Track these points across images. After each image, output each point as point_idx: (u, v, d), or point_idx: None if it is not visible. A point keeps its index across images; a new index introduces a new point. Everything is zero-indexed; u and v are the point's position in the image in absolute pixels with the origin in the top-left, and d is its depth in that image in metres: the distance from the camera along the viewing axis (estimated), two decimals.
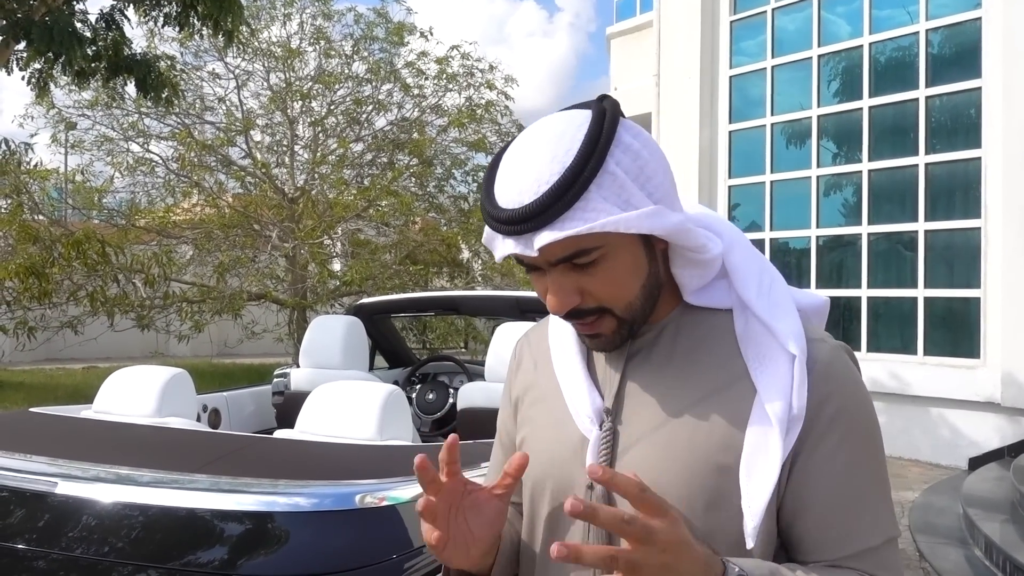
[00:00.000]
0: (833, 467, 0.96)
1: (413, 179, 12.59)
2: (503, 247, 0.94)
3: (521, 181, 0.91)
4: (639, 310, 0.99)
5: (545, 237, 0.90)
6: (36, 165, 10.67)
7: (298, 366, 4.19)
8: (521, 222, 0.90)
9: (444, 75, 12.49)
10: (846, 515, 0.96)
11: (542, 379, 1.13)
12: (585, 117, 0.93)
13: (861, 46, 8.94)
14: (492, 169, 0.97)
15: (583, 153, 0.89)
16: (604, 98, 0.96)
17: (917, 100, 8.43)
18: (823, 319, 1.10)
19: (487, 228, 0.98)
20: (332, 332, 4.11)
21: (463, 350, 13.18)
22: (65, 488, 1.98)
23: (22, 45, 6.86)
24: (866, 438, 0.98)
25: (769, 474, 0.93)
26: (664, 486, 0.94)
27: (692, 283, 1.03)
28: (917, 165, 8.41)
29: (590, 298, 0.96)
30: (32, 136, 16.62)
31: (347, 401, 2.65)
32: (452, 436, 0.96)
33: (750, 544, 0.93)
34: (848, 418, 0.97)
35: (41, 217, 10.59)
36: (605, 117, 0.92)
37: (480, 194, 0.99)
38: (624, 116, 0.96)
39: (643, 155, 0.93)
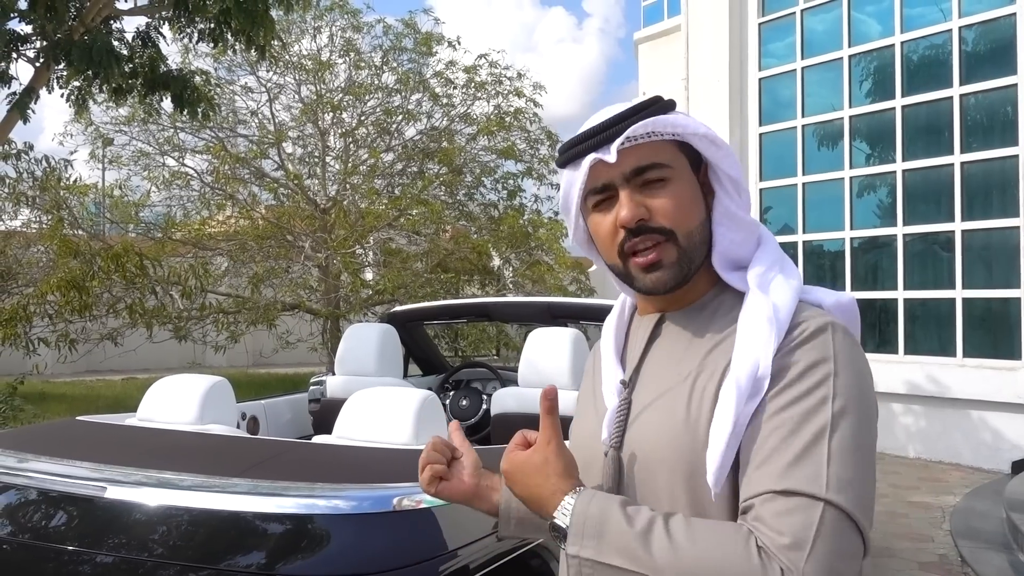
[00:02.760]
0: (775, 417, 0.96)
1: (443, 188, 12.64)
2: (581, 170, 1.08)
3: (600, 115, 1.09)
4: (697, 246, 1.08)
5: (622, 139, 1.04)
6: (75, 181, 10.88)
7: (333, 374, 4.24)
8: (604, 129, 1.06)
9: (472, 84, 12.56)
10: (763, 459, 0.94)
11: (594, 369, 1.25)
12: None
13: (893, 45, 8.84)
14: (562, 143, 1.15)
15: (656, 98, 1.10)
16: None
17: (951, 98, 8.32)
18: (850, 317, 1.10)
19: (563, 180, 1.14)
20: (366, 340, 4.16)
21: (495, 357, 13.21)
22: (113, 492, 2.03)
23: (62, 65, 7.02)
24: (821, 398, 0.95)
25: (723, 430, 0.96)
26: (660, 451, 1.04)
27: (728, 248, 1.10)
28: (953, 164, 8.29)
29: (657, 216, 1.06)
30: (71, 153, 16.93)
31: (383, 407, 2.68)
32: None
33: (713, 494, 0.97)
34: (817, 375, 0.96)
35: (81, 232, 10.80)
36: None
37: (558, 154, 1.15)
38: None
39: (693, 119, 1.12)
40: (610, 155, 1.04)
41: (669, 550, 0.91)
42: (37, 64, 7.29)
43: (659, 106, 1.08)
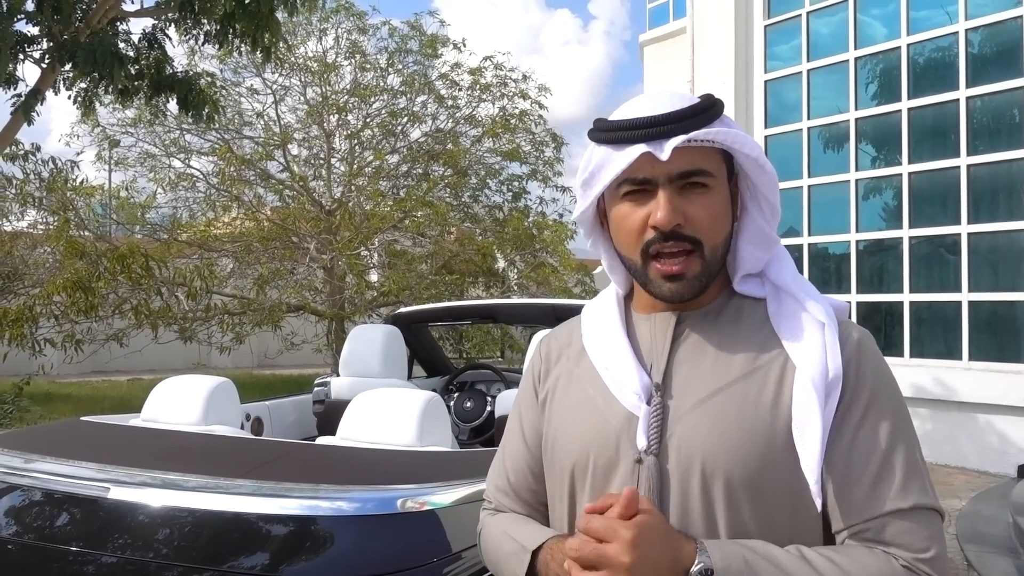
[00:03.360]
0: (862, 432, 1.01)
1: (448, 190, 12.66)
2: (626, 156, 1.02)
3: (652, 105, 1.04)
4: (716, 261, 1.07)
5: (680, 139, 1.01)
6: (82, 182, 10.92)
7: (338, 375, 4.24)
8: (662, 124, 1.01)
9: (478, 86, 12.56)
10: (873, 478, 0.99)
11: (576, 368, 1.18)
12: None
13: (899, 48, 8.82)
14: (602, 118, 1.08)
15: (710, 98, 1.06)
16: None
17: (958, 101, 8.30)
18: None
19: (596, 155, 1.07)
20: (371, 342, 4.16)
21: (500, 359, 13.20)
22: (117, 493, 2.03)
23: (68, 67, 7.04)
24: (895, 411, 1.03)
25: (815, 434, 0.97)
26: (713, 455, 1.00)
27: (748, 263, 1.11)
28: (959, 167, 8.27)
29: (691, 225, 1.04)
30: (78, 154, 16.99)
31: (387, 408, 2.68)
32: None
33: (818, 502, 0.98)
34: (877, 389, 1.03)
35: (87, 233, 10.83)
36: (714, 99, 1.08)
37: (594, 128, 1.08)
38: None
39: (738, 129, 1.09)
40: (664, 153, 1.01)
41: None
42: (43, 66, 7.32)
43: (715, 109, 1.05)
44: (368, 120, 12.54)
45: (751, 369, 1.04)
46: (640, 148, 1.01)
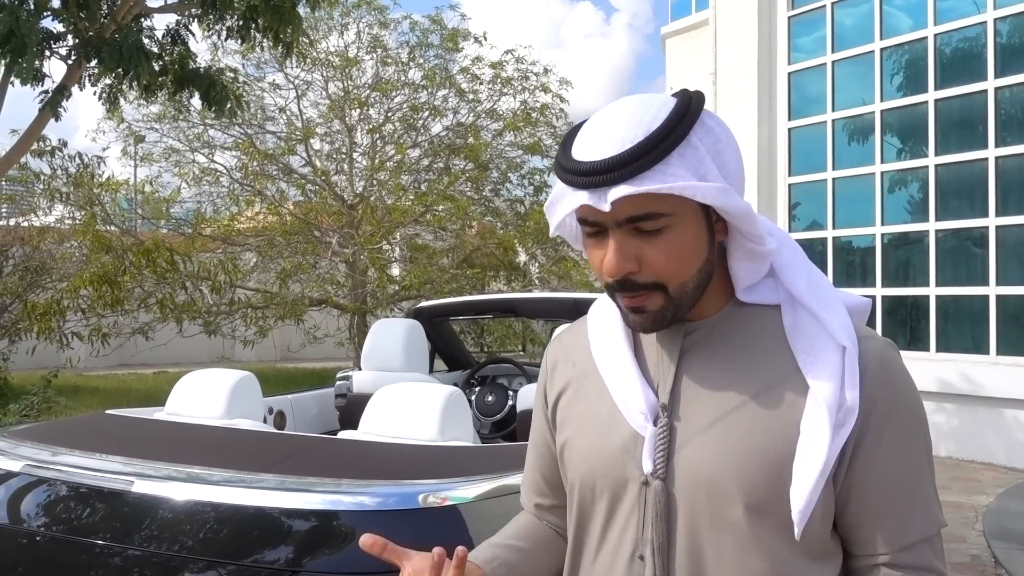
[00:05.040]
0: (891, 460, 0.98)
1: (469, 183, 12.66)
2: (572, 200, 0.95)
3: (604, 138, 0.94)
4: (690, 294, 1.00)
5: (622, 190, 0.91)
6: (108, 178, 11.05)
7: (360, 369, 4.26)
8: (601, 173, 0.92)
9: (499, 79, 12.55)
10: (904, 506, 0.99)
11: (583, 378, 1.13)
12: (672, 98, 0.97)
13: (925, 38, 8.70)
14: (572, 133, 1.01)
15: (670, 121, 0.92)
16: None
17: (986, 92, 8.17)
18: (864, 319, 1.10)
19: (556, 188, 1.01)
20: (393, 336, 4.17)
21: (521, 352, 13.20)
22: (141, 487, 2.05)
23: (93, 63, 7.11)
24: (919, 432, 1.01)
25: (815, 462, 0.94)
26: (722, 480, 0.96)
27: (746, 278, 1.04)
28: (987, 159, 8.15)
29: (647, 270, 0.97)
30: (104, 150, 17.16)
31: (409, 403, 2.68)
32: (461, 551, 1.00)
33: (797, 532, 0.94)
34: (903, 413, 1.00)
35: (113, 227, 10.95)
36: (692, 99, 0.96)
37: (555, 160, 1.01)
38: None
39: (722, 139, 0.97)
40: (604, 204, 0.92)
41: None
42: (69, 62, 7.39)
43: (667, 144, 0.91)
44: (389, 114, 12.56)
45: (762, 389, 0.99)
46: (582, 197, 0.94)
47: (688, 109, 0.94)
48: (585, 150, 0.95)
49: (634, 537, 1.02)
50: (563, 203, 0.98)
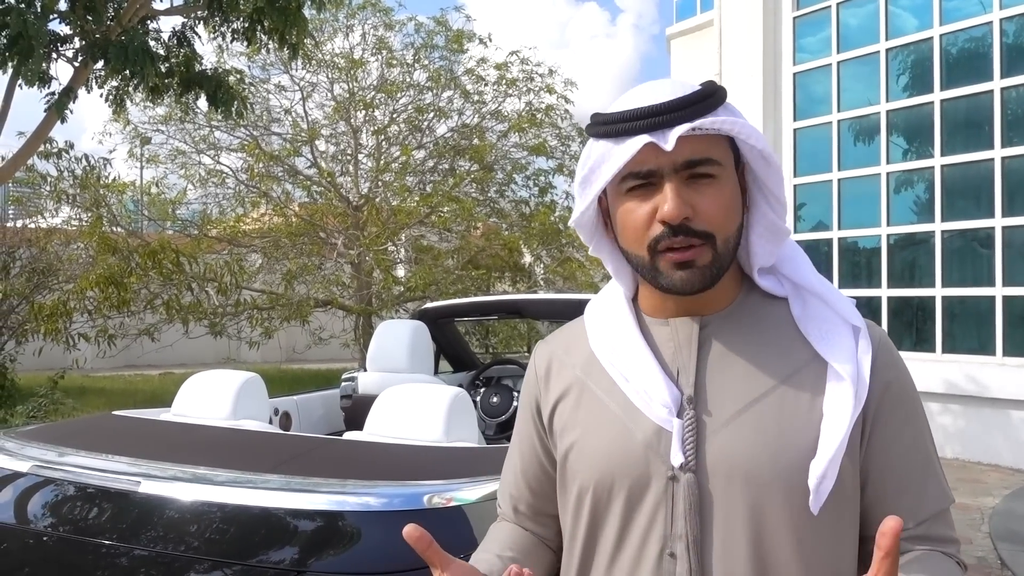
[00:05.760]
0: (905, 438, 1.03)
1: (474, 185, 12.67)
2: (628, 148, 0.97)
3: (652, 94, 0.99)
4: (728, 253, 1.02)
5: (685, 128, 0.95)
6: (114, 179, 11.08)
7: (365, 370, 4.27)
8: (664, 113, 0.96)
9: (504, 81, 12.56)
10: (919, 482, 1.02)
11: (587, 378, 1.11)
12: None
13: (931, 38, 8.68)
14: (601, 113, 1.03)
15: (711, 85, 1.01)
16: None
17: (992, 92, 8.15)
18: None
19: (594, 151, 1.01)
20: (398, 337, 4.18)
21: (526, 354, 13.20)
22: (147, 487, 2.06)
23: (100, 64, 7.14)
24: (922, 414, 1.06)
25: (837, 433, 0.96)
26: (758, 468, 0.97)
27: (762, 257, 1.07)
28: (993, 159, 8.12)
29: (700, 218, 0.98)
30: (110, 151, 17.28)
31: (414, 404, 2.69)
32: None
33: (814, 507, 0.96)
34: (909, 394, 1.05)
35: (119, 229, 10.98)
36: (721, 87, 1.03)
37: (592, 123, 1.03)
38: None
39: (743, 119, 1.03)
40: (668, 143, 0.95)
41: None
42: (76, 64, 7.42)
43: (719, 96, 1.00)
44: (395, 116, 12.58)
45: (786, 376, 1.01)
46: (643, 139, 0.96)
47: (721, 88, 1.02)
48: (636, 100, 0.99)
49: (662, 535, 1.00)
50: (613, 158, 0.99)
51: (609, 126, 0.99)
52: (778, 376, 1.01)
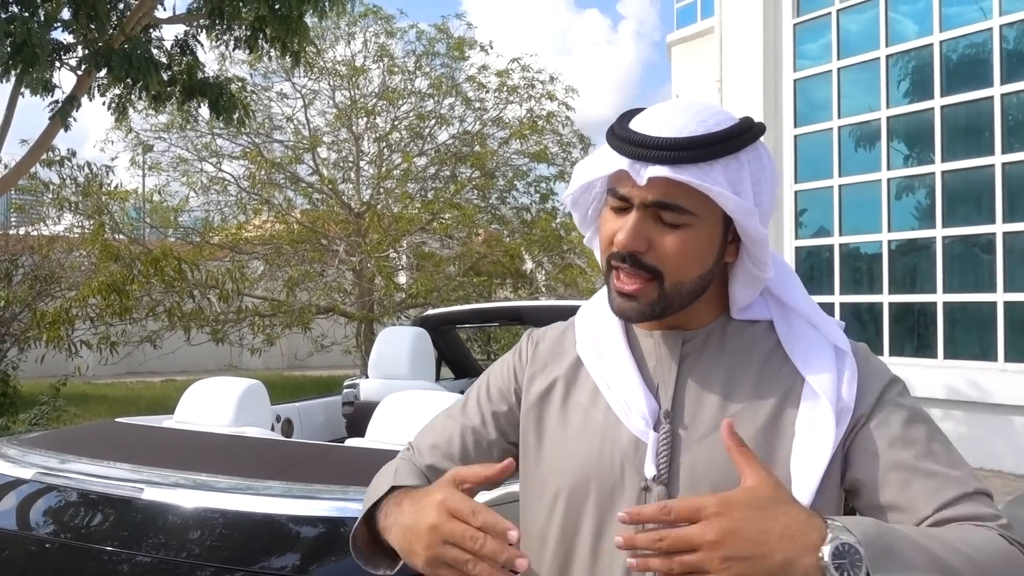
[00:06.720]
0: (910, 432, 0.99)
1: (475, 191, 12.69)
2: (611, 163, 0.99)
3: (665, 121, 0.98)
4: (683, 296, 1.02)
5: (661, 171, 0.95)
6: (116, 187, 11.11)
7: (367, 377, 4.28)
8: (650, 148, 0.95)
9: (505, 88, 12.59)
10: (928, 472, 0.96)
11: (571, 380, 1.13)
12: (737, 117, 1.03)
13: (931, 44, 8.70)
14: (634, 111, 1.04)
15: (729, 131, 0.98)
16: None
17: (992, 98, 8.16)
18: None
19: (599, 151, 1.04)
20: (399, 344, 4.19)
21: None
22: (150, 494, 2.07)
23: (103, 73, 7.16)
24: (923, 413, 1.03)
25: (819, 459, 0.96)
26: (726, 484, 0.96)
27: (742, 300, 1.08)
28: (993, 165, 8.13)
29: (653, 255, 0.99)
30: (112, 159, 17.29)
31: (416, 410, 2.70)
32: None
33: None
34: (903, 399, 1.03)
35: (121, 236, 11.00)
36: (755, 126, 1.02)
37: (610, 127, 1.03)
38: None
39: (766, 171, 1.02)
40: (641, 178, 0.96)
41: (959, 552, 0.86)
42: (79, 72, 7.45)
43: (731, 144, 0.96)
44: (396, 123, 12.61)
45: (764, 396, 1.02)
46: (622, 164, 0.97)
47: (748, 131, 1.00)
48: (643, 125, 0.99)
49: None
50: (601, 163, 1.01)
51: (612, 136, 1.01)
52: (756, 394, 1.02)
